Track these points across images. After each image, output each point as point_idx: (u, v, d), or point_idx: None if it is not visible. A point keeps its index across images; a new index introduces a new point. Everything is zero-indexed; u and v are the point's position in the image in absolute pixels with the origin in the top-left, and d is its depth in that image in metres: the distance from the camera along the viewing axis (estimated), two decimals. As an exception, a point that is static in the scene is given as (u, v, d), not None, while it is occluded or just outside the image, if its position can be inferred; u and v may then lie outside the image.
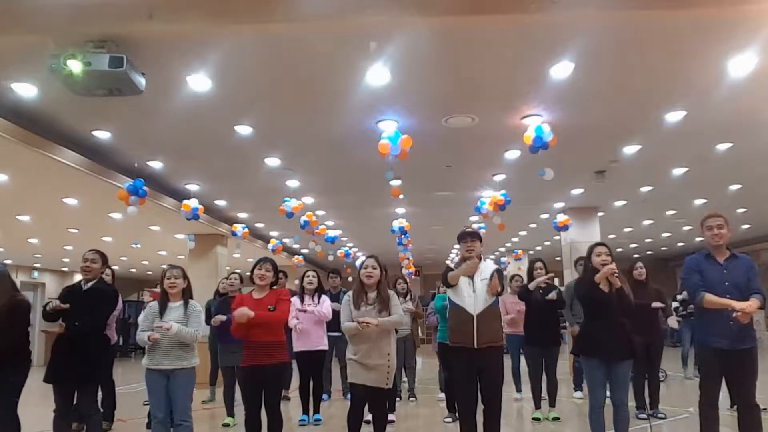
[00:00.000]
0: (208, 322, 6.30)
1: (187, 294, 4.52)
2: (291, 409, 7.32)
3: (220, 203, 10.05)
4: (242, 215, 11.19)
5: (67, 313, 4.58)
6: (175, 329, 4.24)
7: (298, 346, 6.31)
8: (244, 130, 6.13)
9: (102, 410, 6.18)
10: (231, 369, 6.19)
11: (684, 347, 9.62)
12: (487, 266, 4.61)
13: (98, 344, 4.76)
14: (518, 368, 7.69)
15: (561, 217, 10.08)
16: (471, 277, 4.52)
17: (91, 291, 4.69)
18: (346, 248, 15.15)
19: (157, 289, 5.78)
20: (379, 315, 4.45)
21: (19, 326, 4.52)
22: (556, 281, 6.74)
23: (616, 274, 4.35)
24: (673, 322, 6.10)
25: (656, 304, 6.13)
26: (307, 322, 6.27)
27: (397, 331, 6.59)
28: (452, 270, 4.64)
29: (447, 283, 4.63)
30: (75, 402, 4.68)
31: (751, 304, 3.85)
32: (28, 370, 4.56)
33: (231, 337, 4.83)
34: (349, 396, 5.16)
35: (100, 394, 5.67)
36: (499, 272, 4.59)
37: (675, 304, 10.00)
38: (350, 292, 4.67)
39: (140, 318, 4.62)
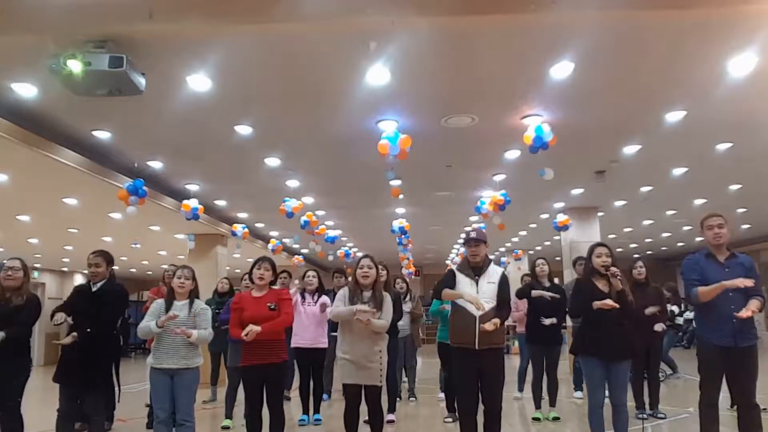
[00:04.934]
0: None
1: (193, 294, 4.53)
2: (291, 409, 7.32)
3: (220, 203, 10.05)
4: (242, 215, 11.19)
5: (75, 319, 4.58)
6: (195, 336, 4.26)
7: (296, 342, 6.29)
8: (244, 130, 6.13)
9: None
10: (238, 369, 6.18)
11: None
12: (495, 270, 4.55)
13: (108, 348, 4.74)
14: (526, 368, 7.62)
15: (561, 217, 10.08)
16: (476, 279, 4.48)
17: (100, 292, 4.69)
18: (346, 248, 15.15)
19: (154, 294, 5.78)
20: (373, 316, 4.47)
21: (31, 324, 4.55)
22: (556, 280, 6.74)
23: (618, 276, 4.35)
24: (659, 327, 6.11)
25: (650, 310, 6.08)
26: (307, 319, 6.27)
27: (398, 332, 6.64)
28: (449, 282, 4.57)
29: (438, 295, 4.61)
30: (80, 403, 4.68)
31: (750, 306, 3.85)
32: (30, 370, 4.57)
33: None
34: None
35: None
36: (504, 280, 4.54)
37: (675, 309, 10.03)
38: (345, 288, 4.69)
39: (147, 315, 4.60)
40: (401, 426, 6.45)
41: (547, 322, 6.22)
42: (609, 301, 4.25)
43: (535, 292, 6.23)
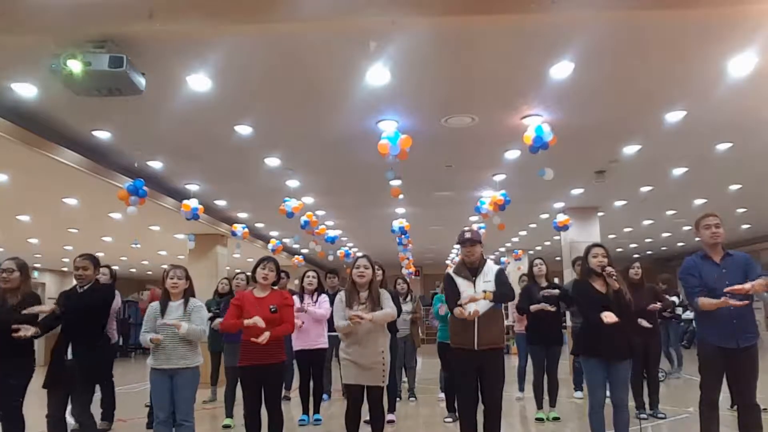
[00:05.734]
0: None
1: (188, 294, 4.52)
2: (291, 409, 7.32)
3: (220, 203, 10.05)
4: (242, 215, 11.20)
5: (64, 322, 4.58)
6: (185, 329, 4.23)
7: (297, 345, 6.34)
8: (244, 130, 6.14)
9: (102, 410, 6.20)
10: (235, 369, 6.19)
11: (665, 347, 9.68)
12: (491, 268, 4.58)
13: (99, 345, 4.74)
14: (524, 367, 7.64)
15: (561, 217, 10.07)
16: (473, 279, 4.49)
17: (87, 292, 4.67)
18: (346, 248, 15.16)
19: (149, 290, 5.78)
20: (366, 314, 4.46)
21: (33, 320, 4.52)
22: (556, 280, 6.72)
23: (614, 276, 4.35)
24: (644, 323, 6.03)
25: (652, 307, 6.09)
26: (306, 322, 6.29)
27: (397, 331, 6.65)
28: (449, 286, 4.56)
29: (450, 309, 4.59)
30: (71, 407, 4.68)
31: (756, 283, 3.76)
32: (32, 371, 4.54)
33: (236, 337, 4.82)
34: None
35: (98, 393, 5.66)
36: (501, 273, 4.58)
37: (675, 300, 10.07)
38: (342, 292, 4.68)
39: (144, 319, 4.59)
40: (401, 426, 6.44)
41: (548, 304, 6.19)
42: (609, 315, 4.21)
43: (533, 307, 6.20)
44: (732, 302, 3.79)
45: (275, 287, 4.78)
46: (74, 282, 4.75)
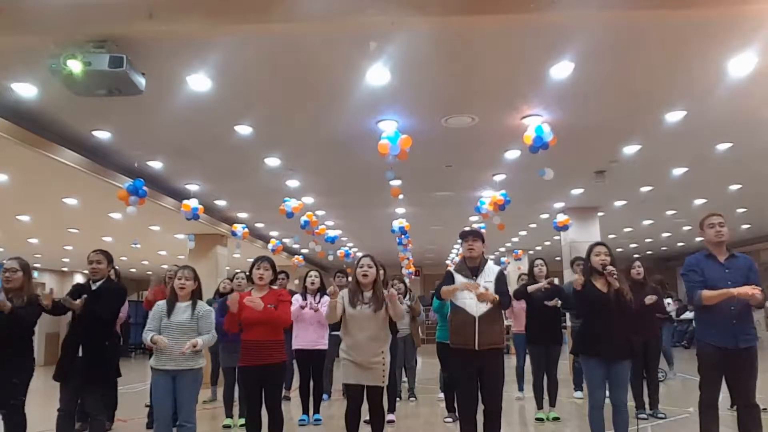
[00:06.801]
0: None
1: (196, 295, 4.50)
2: (291, 409, 7.32)
3: (220, 203, 10.05)
4: (242, 215, 11.19)
5: (73, 316, 4.65)
6: (200, 344, 4.24)
7: (297, 344, 6.32)
8: (244, 130, 6.13)
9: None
10: (232, 369, 6.19)
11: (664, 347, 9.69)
12: (491, 268, 4.59)
13: (108, 344, 4.76)
14: (523, 367, 7.68)
15: (561, 217, 10.07)
16: (474, 279, 4.50)
17: (99, 289, 4.71)
18: (346, 248, 15.15)
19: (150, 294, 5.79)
20: (375, 314, 4.46)
21: (33, 323, 4.53)
22: (556, 280, 6.72)
23: (614, 275, 4.35)
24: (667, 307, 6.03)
25: (649, 299, 6.09)
26: (308, 321, 6.28)
27: (397, 331, 6.65)
28: (448, 283, 4.57)
29: (439, 296, 4.61)
30: (80, 402, 4.69)
31: (753, 289, 3.83)
32: (33, 371, 4.56)
33: (232, 337, 4.81)
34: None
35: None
36: (502, 275, 4.58)
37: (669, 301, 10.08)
38: (345, 291, 4.68)
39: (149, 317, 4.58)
40: (401, 426, 6.44)
41: (550, 303, 6.21)
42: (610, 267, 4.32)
43: (531, 288, 6.24)
44: (734, 291, 3.83)
45: (274, 286, 4.78)
46: (76, 279, 4.79)
